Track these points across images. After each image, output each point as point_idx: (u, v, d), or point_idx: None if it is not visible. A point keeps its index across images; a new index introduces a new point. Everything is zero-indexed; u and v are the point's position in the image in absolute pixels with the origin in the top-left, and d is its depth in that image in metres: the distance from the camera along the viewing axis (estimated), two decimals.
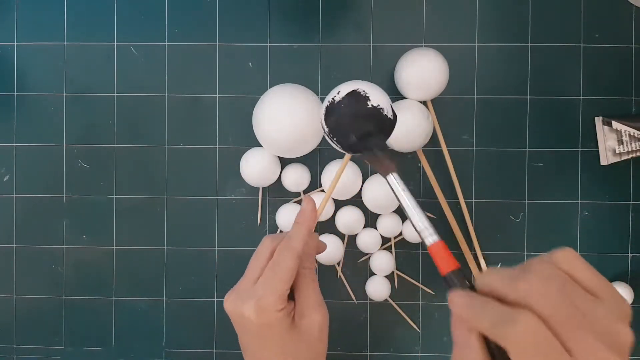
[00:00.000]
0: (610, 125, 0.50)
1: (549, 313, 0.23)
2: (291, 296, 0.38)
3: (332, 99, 0.40)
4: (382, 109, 0.39)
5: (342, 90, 0.40)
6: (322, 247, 0.41)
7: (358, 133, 0.39)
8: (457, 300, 0.27)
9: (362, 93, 0.39)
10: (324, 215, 0.51)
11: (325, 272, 0.53)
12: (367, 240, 0.51)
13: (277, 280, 0.34)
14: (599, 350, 0.22)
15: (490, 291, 0.26)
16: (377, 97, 0.39)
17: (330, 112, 0.39)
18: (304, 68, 0.52)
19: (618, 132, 0.50)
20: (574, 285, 0.25)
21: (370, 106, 0.39)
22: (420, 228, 0.33)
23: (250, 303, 0.34)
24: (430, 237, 0.32)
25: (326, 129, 0.39)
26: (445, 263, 0.30)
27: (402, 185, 0.35)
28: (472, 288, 0.29)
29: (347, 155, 0.44)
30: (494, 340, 0.25)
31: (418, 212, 0.33)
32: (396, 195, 0.35)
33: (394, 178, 0.35)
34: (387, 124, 0.39)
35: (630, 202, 0.52)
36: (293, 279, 0.35)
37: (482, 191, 0.52)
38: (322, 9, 0.52)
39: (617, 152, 0.50)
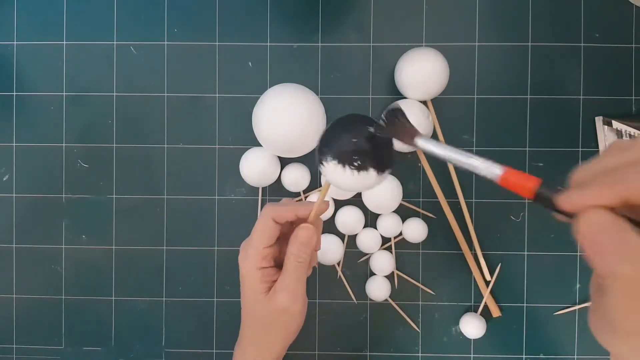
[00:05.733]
0: (610, 125, 0.50)
1: None
2: None
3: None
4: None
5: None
6: (317, 245, 0.41)
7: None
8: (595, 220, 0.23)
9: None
10: (324, 216, 0.51)
11: (325, 272, 0.53)
12: (367, 240, 0.51)
13: (252, 240, 0.39)
14: None
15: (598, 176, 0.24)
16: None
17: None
18: (304, 68, 0.52)
19: (618, 132, 0.50)
20: None
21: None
22: (481, 171, 0.29)
23: (241, 253, 0.40)
24: (496, 170, 0.28)
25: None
26: (525, 185, 0.27)
27: (434, 144, 0.31)
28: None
29: (327, 184, 0.38)
30: None
31: (467, 159, 0.29)
32: (438, 156, 0.31)
33: (422, 142, 0.31)
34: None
35: None
36: (266, 241, 0.39)
37: (482, 191, 0.52)
38: (322, 9, 0.52)
39: None
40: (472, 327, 0.51)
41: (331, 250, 0.50)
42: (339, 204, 0.51)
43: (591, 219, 0.23)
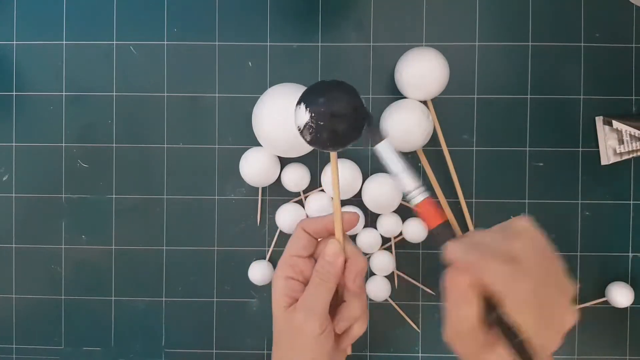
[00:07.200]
0: (610, 124, 0.50)
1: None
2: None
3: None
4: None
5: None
6: (360, 266, 0.37)
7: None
8: (457, 248, 0.30)
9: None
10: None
11: None
12: (367, 240, 0.51)
13: (285, 250, 0.37)
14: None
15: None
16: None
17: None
18: (303, 68, 0.52)
19: (618, 132, 0.50)
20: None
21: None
22: (410, 189, 0.33)
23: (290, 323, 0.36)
24: (421, 195, 0.33)
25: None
26: (434, 217, 0.32)
27: (392, 150, 0.34)
28: None
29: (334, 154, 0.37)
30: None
31: (409, 174, 0.34)
32: (386, 163, 0.34)
33: (385, 144, 0.34)
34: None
35: (631, 202, 0.52)
36: (295, 250, 0.37)
37: (482, 191, 0.52)
38: (322, 9, 0.52)
39: (618, 151, 0.50)
40: None
41: None
42: None
43: (449, 279, 0.30)
